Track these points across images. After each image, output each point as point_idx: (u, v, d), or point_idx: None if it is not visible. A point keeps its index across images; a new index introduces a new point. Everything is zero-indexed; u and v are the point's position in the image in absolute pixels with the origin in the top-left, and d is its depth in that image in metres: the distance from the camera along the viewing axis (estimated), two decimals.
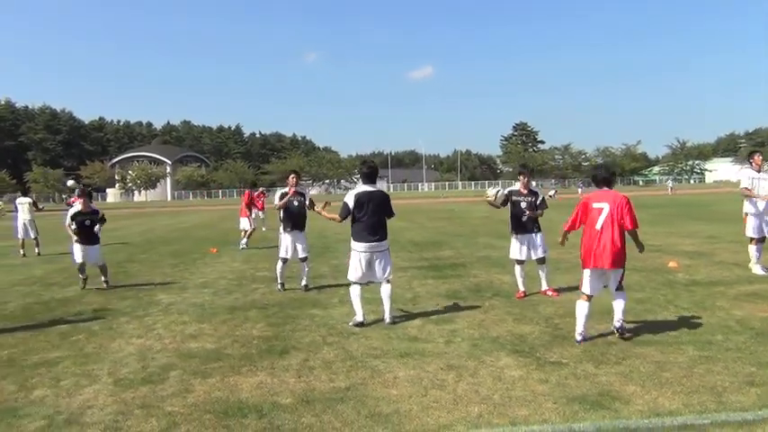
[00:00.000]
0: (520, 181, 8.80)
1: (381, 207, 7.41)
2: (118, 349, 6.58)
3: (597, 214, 6.23)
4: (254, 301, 9.13)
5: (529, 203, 8.64)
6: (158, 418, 4.55)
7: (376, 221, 7.34)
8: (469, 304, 8.38)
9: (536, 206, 8.68)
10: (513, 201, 8.70)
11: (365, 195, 7.32)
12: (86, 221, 10.60)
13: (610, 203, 6.22)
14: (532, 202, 8.66)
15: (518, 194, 8.71)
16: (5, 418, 4.63)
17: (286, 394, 5.00)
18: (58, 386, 5.38)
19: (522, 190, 8.72)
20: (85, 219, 10.62)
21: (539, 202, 8.72)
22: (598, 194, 6.41)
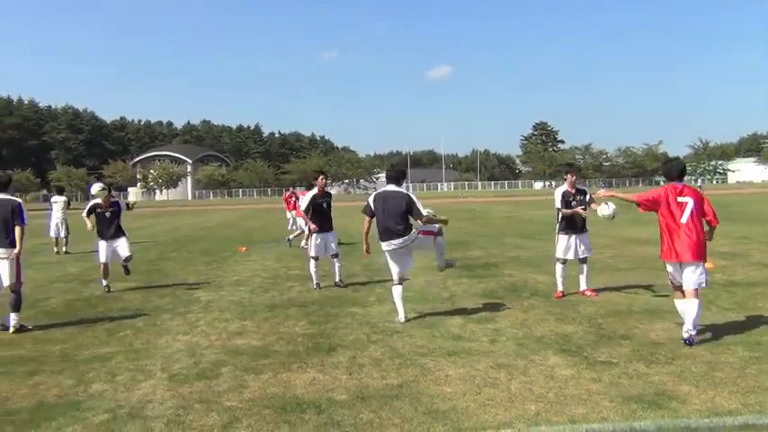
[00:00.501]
0: (567, 180, 8.78)
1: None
2: (166, 345, 6.68)
3: (682, 208, 6.25)
4: (291, 299, 9.21)
5: (579, 202, 8.63)
6: (219, 413, 4.62)
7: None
8: (508, 304, 8.39)
9: (587, 205, 8.67)
10: (566, 201, 8.68)
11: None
12: (107, 213, 10.55)
13: (693, 198, 6.26)
14: (582, 201, 8.65)
15: (568, 194, 8.70)
16: (69, 412, 4.73)
17: (340, 391, 5.05)
18: (114, 381, 5.48)
19: (570, 189, 8.71)
20: (105, 211, 10.57)
21: (588, 200, 8.71)
22: (679, 189, 6.40)
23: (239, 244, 18.27)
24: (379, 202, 7.47)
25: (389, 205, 7.40)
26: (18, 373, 5.76)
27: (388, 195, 7.48)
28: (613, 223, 9.24)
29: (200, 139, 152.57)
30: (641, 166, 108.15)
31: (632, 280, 10.00)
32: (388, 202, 7.42)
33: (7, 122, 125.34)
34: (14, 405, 4.92)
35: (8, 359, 6.27)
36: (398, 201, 7.41)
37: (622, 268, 11.29)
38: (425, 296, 9.19)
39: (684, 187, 6.44)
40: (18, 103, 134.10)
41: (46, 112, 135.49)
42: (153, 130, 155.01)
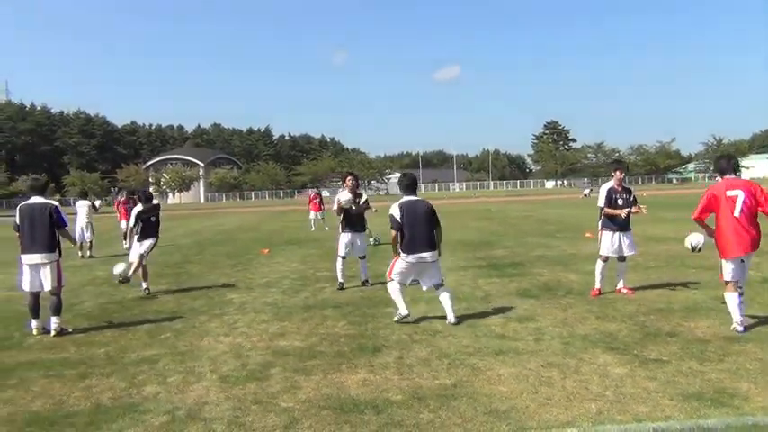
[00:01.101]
0: (615, 177, 8.71)
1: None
2: (210, 347, 6.70)
3: (733, 202, 6.25)
4: (325, 300, 9.21)
5: (625, 200, 8.57)
6: (277, 414, 4.63)
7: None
8: (545, 302, 8.36)
9: (631, 204, 8.62)
10: (612, 198, 8.62)
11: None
12: (152, 218, 10.77)
13: (743, 190, 6.24)
14: (628, 200, 8.60)
15: (614, 191, 8.64)
16: (127, 414, 4.75)
17: (395, 391, 5.04)
18: (166, 383, 5.49)
19: (616, 187, 8.65)
20: (150, 216, 10.78)
21: (632, 199, 8.66)
22: (729, 183, 6.40)
23: (261, 246, 18.33)
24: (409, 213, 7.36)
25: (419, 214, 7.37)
26: (68, 376, 5.79)
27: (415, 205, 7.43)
28: (635, 221, 9.15)
29: (210, 142, 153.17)
30: (654, 163, 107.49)
31: (666, 278, 9.96)
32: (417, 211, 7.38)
33: (20, 128, 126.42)
34: (71, 408, 4.94)
35: (56, 362, 6.30)
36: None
37: (652, 266, 11.22)
38: (458, 295, 9.15)
39: (735, 180, 6.42)
40: (31, 109, 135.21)
41: (58, 118, 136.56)
42: (164, 134, 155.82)
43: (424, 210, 7.40)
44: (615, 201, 8.66)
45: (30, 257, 7.53)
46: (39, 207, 7.61)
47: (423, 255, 7.29)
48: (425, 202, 7.54)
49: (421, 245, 7.28)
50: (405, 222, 7.31)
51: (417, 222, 7.30)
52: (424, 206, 7.44)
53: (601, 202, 8.77)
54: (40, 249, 7.50)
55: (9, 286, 11.87)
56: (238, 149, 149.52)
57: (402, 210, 7.35)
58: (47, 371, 5.99)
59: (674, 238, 14.63)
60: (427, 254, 7.31)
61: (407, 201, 7.47)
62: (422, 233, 7.30)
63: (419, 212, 7.34)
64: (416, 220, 7.31)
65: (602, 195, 8.78)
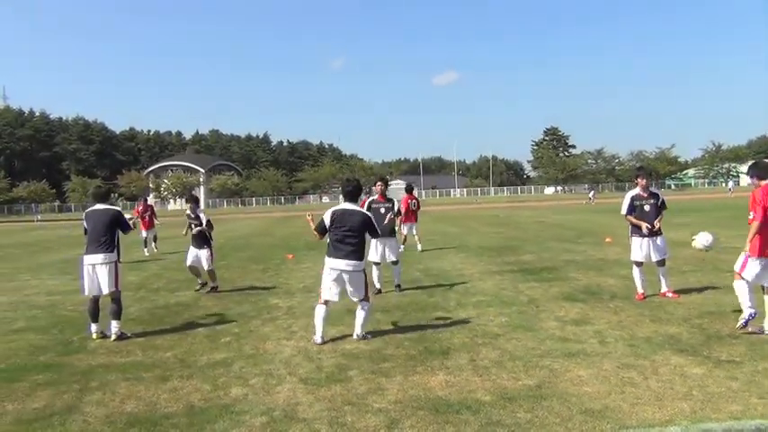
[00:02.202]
0: (638, 184, 8.82)
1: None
2: (277, 351, 6.78)
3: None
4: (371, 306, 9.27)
5: (652, 206, 8.68)
6: (374, 414, 4.72)
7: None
8: (594, 306, 8.47)
9: (659, 209, 8.73)
10: (635, 205, 8.73)
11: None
12: (192, 225, 11.13)
13: None
14: (655, 204, 8.71)
15: (639, 198, 8.75)
16: (225, 414, 4.83)
17: (481, 392, 5.14)
18: (249, 385, 5.58)
19: (642, 193, 8.76)
20: (191, 222, 11.18)
21: (660, 204, 8.77)
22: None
23: (281, 251, 18.44)
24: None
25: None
26: (148, 379, 5.87)
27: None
28: (666, 225, 9.27)
29: (209, 148, 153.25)
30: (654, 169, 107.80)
31: (705, 281, 10.09)
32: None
33: (19, 134, 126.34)
34: (166, 409, 5.02)
35: (129, 365, 6.38)
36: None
37: (687, 270, 11.34)
38: (503, 299, 9.27)
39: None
40: (29, 115, 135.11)
41: (57, 124, 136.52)
42: (162, 139, 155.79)
43: (358, 220, 7.13)
44: (640, 208, 8.77)
45: (90, 258, 7.66)
46: (101, 212, 7.74)
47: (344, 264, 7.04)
48: (361, 213, 7.28)
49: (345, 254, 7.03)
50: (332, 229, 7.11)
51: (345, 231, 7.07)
52: (359, 217, 7.17)
53: (623, 210, 8.90)
54: (99, 250, 7.63)
55: (47, 291, 11.97)
56: (237, 155, 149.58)
57: (334, 216, 7.14)
58: (123, 374, 6.07)
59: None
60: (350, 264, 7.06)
61: (341, 208, 7.22)
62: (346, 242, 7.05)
63: (351, 221, 7.09)
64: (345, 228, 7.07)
65: (625, 203, 8.90)
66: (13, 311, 9.80)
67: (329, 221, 7.13)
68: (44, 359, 6.78)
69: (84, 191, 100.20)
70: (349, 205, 7.22)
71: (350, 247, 7.03)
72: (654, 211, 8.66)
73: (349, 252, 7.02)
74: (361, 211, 7.28)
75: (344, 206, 7.23)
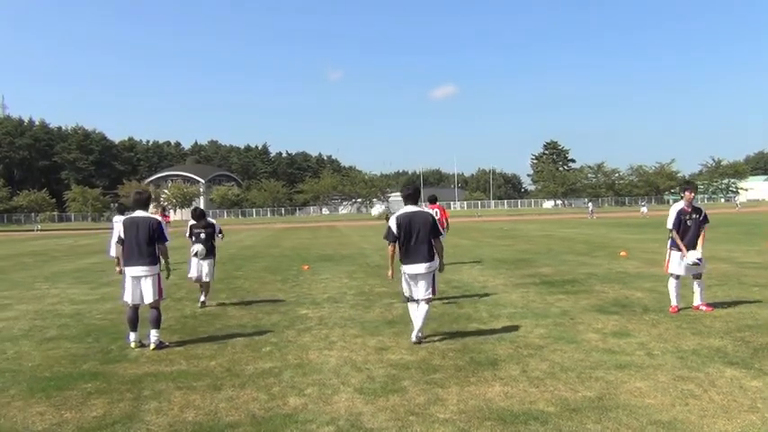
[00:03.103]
0: (685, 197, 8.84)
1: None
2: (322, 360, 6.76)
3: None
4: (403, 316, 9.23)
5: (694, 221, 8.70)
6: (441, 424, 4.70)
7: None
8: (630, 319, 8.47)
9: (701, 224, 8.74)
10: (681, 220, 8.74)
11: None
12: (201, 234, 10.85)
13: None
14: (697, 219, 8.72)
15: (683, 213, 8.77)
16: (290, 424, 4.81)
17: (543, 403, 5.12)
18: (305, 395, 5.55)
19: (686, 208, 8.78)
20: (200, 231, 10.89)
21: (702, 219, 8.78)
22: None
23: (293, 262, 18.46)
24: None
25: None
26: (201, 388, 5.84)
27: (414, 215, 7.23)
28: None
29: (208, 159, 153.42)
30: (653, 184, 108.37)
31: (734, 295, 10.12)
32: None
33: (18, 143, 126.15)
34: (229, 418, 5.00)
35: (178, 374, 6.35)
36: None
37: (714, 284, 11.33)
38: (535, 311, 9.27)
39: None
40: (29, 125, 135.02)
41: (56, 133, 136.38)
42: (161, 150, 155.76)
43: (424, 220, 7.22)
44: (684, 222, 8.79)
45: (132, 270, 7.60)
46: (142, 221, 7.68)
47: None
48: (426, 212, 7.42)
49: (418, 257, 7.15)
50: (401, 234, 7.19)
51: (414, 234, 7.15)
52: (425, 216, 7.26)
53: (669, 223, 8.90)
54: (142, 262, 7.57)
55: (70, 300, 11.93)
56: (236, 166, 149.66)
57: (399, 221, 7.22)
58: (174, 383, 6.04)
59: (711, 257, 14.83)
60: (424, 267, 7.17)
61: (405, 212, 7.31)
62: (417, 245, 7.14)
63: (418, 222, 7.18)
64: (413, 230, 7.16)
65: (671, 217, 8.91)
66: (42, 320, 9.75)
67: (396, 227, 7.19)
68: (87, 367, 6.75)
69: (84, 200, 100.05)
70: (411, 207, 7.30)
71: (422, 249, 7.13)
72: (695, 226, 8.69)
73: (422, 254, 7.12)
74: (425, 211, 7.38)
75: (407, 209, 7.31)
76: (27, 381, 6.26)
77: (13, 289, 13.81)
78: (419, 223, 7.18)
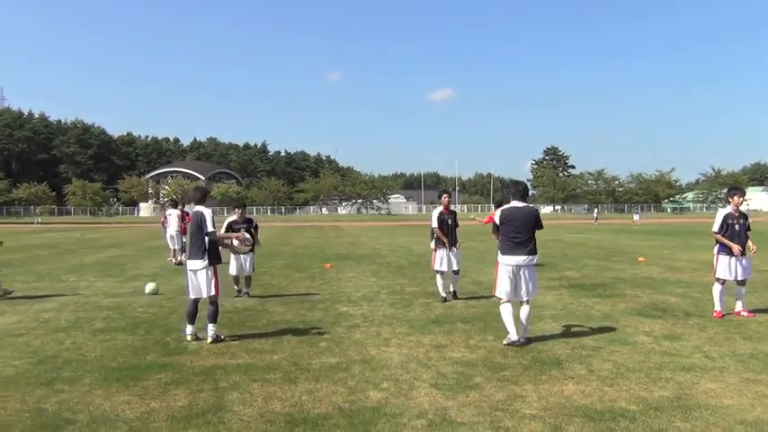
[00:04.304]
0: (732, 202, 8.95)
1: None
2: (385, 357, 6.83)
3: None
4: (446, 315, 9.36)
5: (741, 226, 8.81)
6: (531, 420, 4.79)
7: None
8: (675, 323, 8.57)
9: (745, 229, 8.86)
10: (728, 224, 8.85)
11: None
12: (241, 230, 10.91)
13: None
14: (744, 225, 8.84)
15: (731, 217, 8.88)
16: (380, 417, 4.89)
17: (623, 401, 5.22)
18: (382, 389, 5.63)
19: (733, 213, 8.89)
20: (240, 227, 10.98)
21: (747, 224, 8.90)
22: None
23: (313, 260, 18.57)
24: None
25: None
26: (276, 381, 5.91)
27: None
28: (688, 247, 9.41)
29: (207, 156, 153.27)
30: (653, 192, 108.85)
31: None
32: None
33: (17, 135, 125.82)
34: (315, 411, 5.07)
35: (246, 367, 6.41)
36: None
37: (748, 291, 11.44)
38: (575, 313, 9.36)
39: None
40: (28, 117, 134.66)
41: (56, 127, 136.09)
42: (160, 145, 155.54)
43: (526, 215, 7.37)
44: (731, 227, 8.90)
45: (190, 263, 7.69)
46: (196, 215, 7.76)
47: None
48: (529, 208, 7.54)
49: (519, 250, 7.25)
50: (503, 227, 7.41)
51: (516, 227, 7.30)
52: (527, 212, 7.43)
53: (715, 227, 9.02)
54: (196, 256, 7.65)
55: (103, 292, 11.97)
56: (235, 164, 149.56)
57: (503, 214, 7.43)
58: (246, 375, 6.11)
59: None
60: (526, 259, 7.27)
61: (510, 207, 7.52)
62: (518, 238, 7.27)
63: (520, 217, 7.34)
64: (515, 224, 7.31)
65: (717, 221, 9.01)
66: (84, 312, 9.80)
67: (499, 220, 7.40)
68: (152, 359, 6.81)
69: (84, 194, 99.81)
70: (516, 203, 7.45)
71: (526, 242, 7.23)
72: (743, 230, 8.80)
73: (523, 247, 7.21)
74: (529, 207, 7.47)
75: (513, 204, 7.47)
76: (97, 370, 6.31)
77: (42, 281, 13.84)
78: (523, 218, 7.32)
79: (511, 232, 7.29)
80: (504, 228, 7.34)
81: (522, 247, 7.23)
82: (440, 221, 10.80)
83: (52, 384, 5.83)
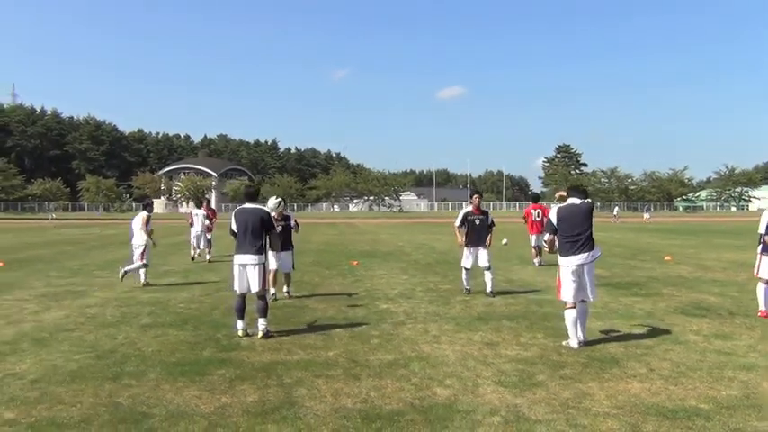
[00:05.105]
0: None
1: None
2: (440, 354, 6.86)
3: None
4: (488, 312, 9.37)
5: None
6: (606, 418, 4.80)
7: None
8: (722, 322, 8.55)
9: None
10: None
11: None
12: (278, 227, 10.96)
13: None
14: None
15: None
16: (453, 413, 4.92)
17: (692, 400, 5.22)
18: (448, 386, 5.66)
19: None
20: (279, 225, 11.00)
21: None
22: None
23: (339, 257, 18.64)
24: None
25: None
26: (340, 377, 5.95)
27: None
28: (712, 246, 9.35)
29: (218, 152, 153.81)
30: (665, 190, 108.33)
31: None
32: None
33: (30, 132, 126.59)
34: (389, 407, 5.11)
35: (305, 363, 6.46)
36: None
37: None
38: (618, 312, 9.36)
39: None
40: (41, 114, 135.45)
41: (68, 123, 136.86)
42: (171, 142, 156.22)
43: (584, 211, 7.36)
44: None
45: (240, 258, 7.74)
46: (251, 212, 7.82)
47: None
48: (584, 204, 7.46)
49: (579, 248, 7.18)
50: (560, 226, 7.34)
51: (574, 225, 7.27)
52: (584, 207, 7.39)
53: (762, 228, 8.97)
54: (250, 251, 7.71)
55: (142, 288, 12.04)
56: (245, 161, 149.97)
57: (560, 213, 7.39)
58: (308, 371, 6.15)
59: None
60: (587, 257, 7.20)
61: (566, 204, 7.52)
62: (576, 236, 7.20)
63: (577, 214, 7.32)
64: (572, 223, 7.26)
65: (763, 221, 8.97)
66: (128, 307, 9.88)
67: (556, 220, 7.33)
68: (209, 354, 6.87)
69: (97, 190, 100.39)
70: (574, 200, 7.46)
71: (582, 240, 7.21)
72: None
73: (582, 245, 7.20)
74: (584, 203, 7.42)
75: (570, 201, 7.47)
76: (159, 365, 6.37)
77: (76, 276, 13.96)
78: (582, 214, 7.31)
79: (569, 230, 7.26)
80: (563, 225, 7.30)
81: (582, 246, 7.21)
82: (464, 221, 11.05)
83: (119, 379, 5.89)
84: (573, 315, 7.17)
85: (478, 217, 11.05)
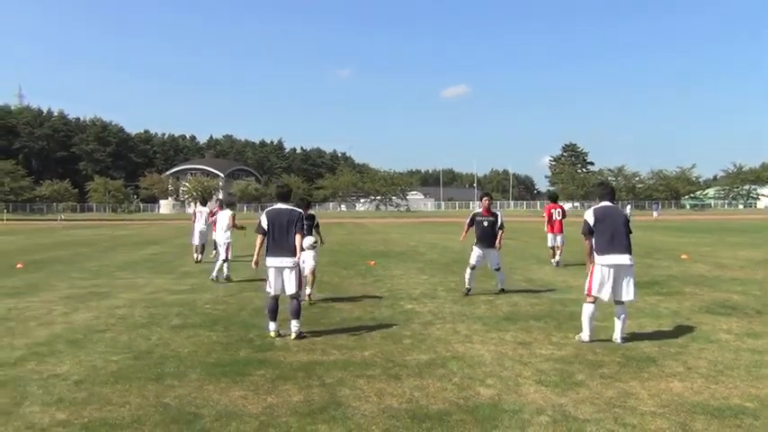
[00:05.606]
0: None
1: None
2: (475, 353, 6.90)
3: None
4: (515, 313, 9.39)
5: None
6: (654, 417, 4.83)
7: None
8: (751, 321, 8.58)
9: None
10: None
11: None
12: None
13: None
14: None
15: None
16: (501, 413, 4.95)
17: (735, 398, 5.25)
18: (488, 385, 5.69)
19: None
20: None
21: None
22: None
23: (356, 257, 18.65)
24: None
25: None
26: (380, 377, 5.99)
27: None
28: (727, 245, 9.37)
29: (223, 153, 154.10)
30: (673, 188, 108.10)
31: None
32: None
33: (37, 133, 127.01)
34: (434, 407, 5.15)
35: (343, 363, 6.50)
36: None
37: None
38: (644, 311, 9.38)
39: None
40: (48, 115, 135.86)
41: (74, 124, 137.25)
42: (177, 143, 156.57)
43: (619, 214, 7.52)
44: None
45: (274, 260, 7.76)
46: (285, 213, 7.86)
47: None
48: (618, 208, 7.66)
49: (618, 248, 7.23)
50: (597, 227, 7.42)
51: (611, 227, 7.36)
52: (618, 210, 7.58)
53: None
54: (286, 254, 7.73)
55: (165, 289, 12.11)
56: (251, 161, 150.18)
57: (596, 214, 7.48)
58: (347, 372, 6.18)
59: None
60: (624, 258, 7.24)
61: (601, 206, 7.63)
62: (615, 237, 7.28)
63: (613, 216, 7.45)
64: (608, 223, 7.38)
65: None
66: (155, 308, 9.94)
67: (593, 221, 7.39)
68: (245, 355, 6.92)
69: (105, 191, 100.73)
70: (606, 202, 7.55)
71: (623, 241, 7.26)
72: None
73: (624, 245, 7.25)
74: (618, 207, 7.57)
75: (603, 204, 7.56)
76: (198, 366, 6.42)
77: (98, 278, 14.02)
78: (617, 217, 7.40)
79: (607, 231, 7.31)
80: (600, 226, 7.36)
81: (622, 248, 7.25)
82: (472, 221, 11.32)
83: (161, 380, 5.94)
84: (590, 310, 7.29)
85: (487, 219, 11.22)
